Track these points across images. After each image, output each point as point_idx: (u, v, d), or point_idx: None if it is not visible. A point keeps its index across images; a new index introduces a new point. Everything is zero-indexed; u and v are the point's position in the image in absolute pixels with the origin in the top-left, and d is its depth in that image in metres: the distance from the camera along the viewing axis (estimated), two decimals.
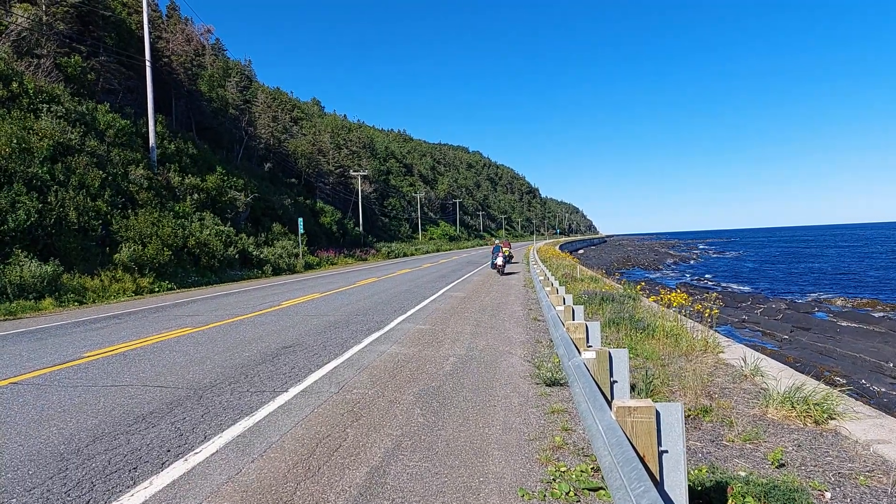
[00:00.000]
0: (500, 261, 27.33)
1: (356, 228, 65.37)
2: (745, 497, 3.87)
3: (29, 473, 4.66)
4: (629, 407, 3.17)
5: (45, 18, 32.07)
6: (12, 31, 29.70)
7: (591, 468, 4.53)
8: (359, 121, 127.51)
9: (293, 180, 62.72)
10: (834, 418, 5.66)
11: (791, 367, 8.98)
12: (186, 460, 4.89)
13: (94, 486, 4.43)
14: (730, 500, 3.87)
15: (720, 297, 21.79)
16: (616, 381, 4.77)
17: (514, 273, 28.83)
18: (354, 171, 71.91)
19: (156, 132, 32.04)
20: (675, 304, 10.77)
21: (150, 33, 31.88)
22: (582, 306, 8.25)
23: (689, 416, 5.78)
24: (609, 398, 4.49)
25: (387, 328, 11.95)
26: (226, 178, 38.97)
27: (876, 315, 22.21)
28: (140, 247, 23.63)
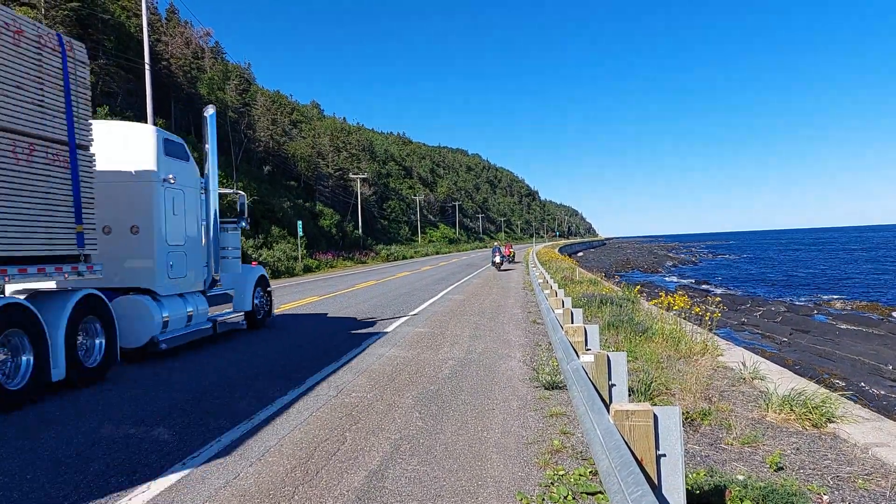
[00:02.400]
0: (497, 259, 33.41)
1: (355, 231, 65.40)
2: (743, 500, 3.87)
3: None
4: (627, 410, 3.17)
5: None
6: None
7: (590, 472, 4.52)
8: (358, 123, 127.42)
9: (292, 183, 62.80)
10: (833, 421, 5.66)
11: (790, 370, 8.99)
12: (184, 464, 4.90)
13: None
14: None
15: (720, 299, 21.79)
16: (614, 385, 4.76)
17: (513, 274, 28.85)
18: (354, 174, 72.00)
19: None
20: (674, 307, 10.77)
21: (149, 36, 31.92)
22: (581, 309, 8.26)
23: (687, 419, 5.77)
24: (607, 401, 4.49)
25: (386, 331, 11.95)
26: (225, 180, 38.99)
27: (875, 318, 22.21)
28: None
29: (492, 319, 13.63)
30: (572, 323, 7.60)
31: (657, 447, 3.12)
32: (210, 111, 12.03)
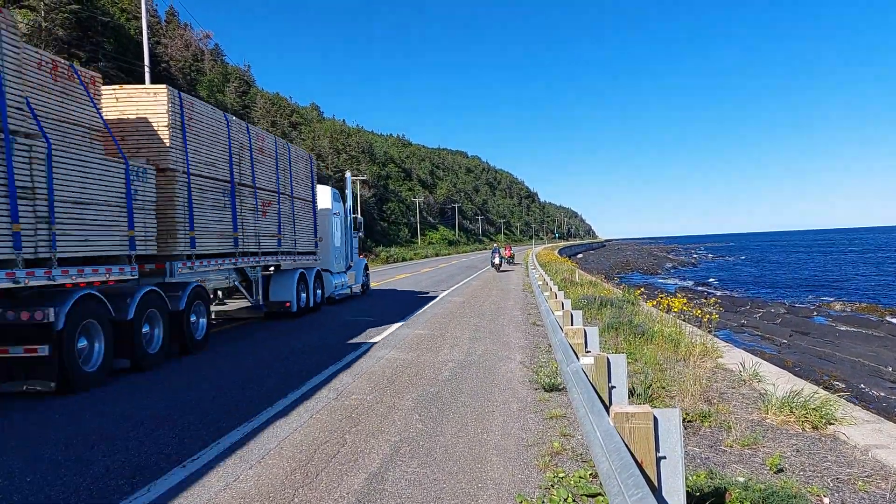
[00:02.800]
0: (496, 260, 34.84)
1: None
2: (743, 502, 3.87)
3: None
4: (627, 413, 3.16)
5: (44, 24, 32.17)
6: None
7: (590, 474, 4.52)
8: (357, 125, 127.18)
9: None
10: (833, 423, 5.66)
11: (790, 372, 8.99)
12: (184, 466, 4.91)
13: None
14: None
15: (719, 301, 21.78)
16: (614, 387, 4.76)
17: (513, 276, 28.84)
18: (353, 176, 72.02)
19: None
20: (674, 308, 10.78)
21: (149, 39, 31.95)
22: (580, 311, 8.25)
23: (687, 421, 5.78)
24: (607, 404, 4.48)
25: (386, 333, 11.95)
26: None
27: (874, 319, 22.21)
28: None
29: (492, 321, 13.63)
30: (572, 325, 7.59)
31: (657, 449, 3.12)
32: (348, 174, 21.89)
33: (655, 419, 3.13)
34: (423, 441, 5.48)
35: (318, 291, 16.48)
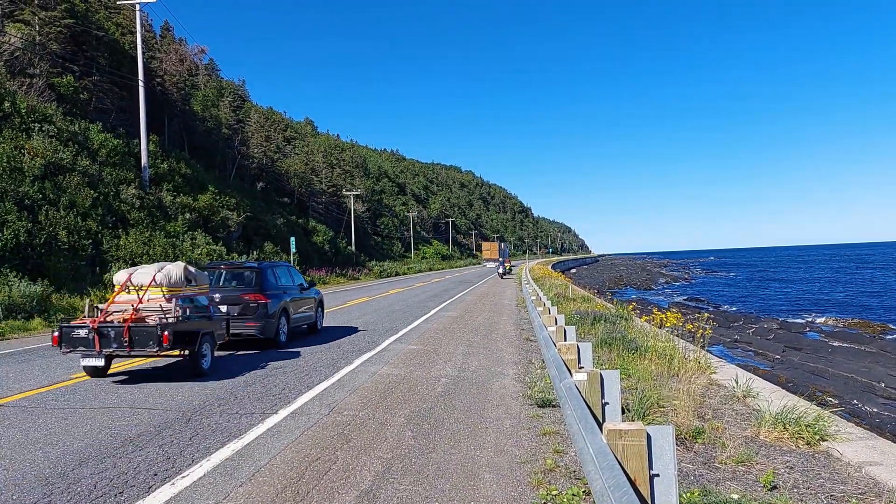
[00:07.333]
0: (500, 270, 47.50)
1: (348, 247, 65.33)
2: None
3: (13, 498, 4.58)
4: (620, 430, 3.15)
5: (38, 38, 32.20)
6: (5, 50, 29.78)
7: (583, 491, 4.49)
8: (352, 140, 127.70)
9: (286, 199, 62.80)
10: (826, 440, 5.65)
11: (783, 388, 8.99)
12: (174, 484, 4.81)
13: None
14: None
15: (712, 316, 21.83)
16: (607, 403, 4.75)
17: (507, 291, 28.86)
18: (347, 191, 72.12)
19: (148, 152, 32.00)
20: (667, 324, 10.78)
21: (143, 53, 32.01)
22: (574, 326, 8.25)
23: (681, 437, 5.76)
24: (600, 420, 4.47)
25: (378, 349, 11.89)
26: (218, 197, 38.93)
27: (867, 335, 22.29)
28: (131, 267, 23.45)
29: (485, 337, 13.60)
30: (565, 340, 7.58)
31: (651, 467, 3.10)
32: (504, 242, 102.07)
33: (649, 436, 3.12)
34: (416, 458, 5.43)
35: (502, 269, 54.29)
